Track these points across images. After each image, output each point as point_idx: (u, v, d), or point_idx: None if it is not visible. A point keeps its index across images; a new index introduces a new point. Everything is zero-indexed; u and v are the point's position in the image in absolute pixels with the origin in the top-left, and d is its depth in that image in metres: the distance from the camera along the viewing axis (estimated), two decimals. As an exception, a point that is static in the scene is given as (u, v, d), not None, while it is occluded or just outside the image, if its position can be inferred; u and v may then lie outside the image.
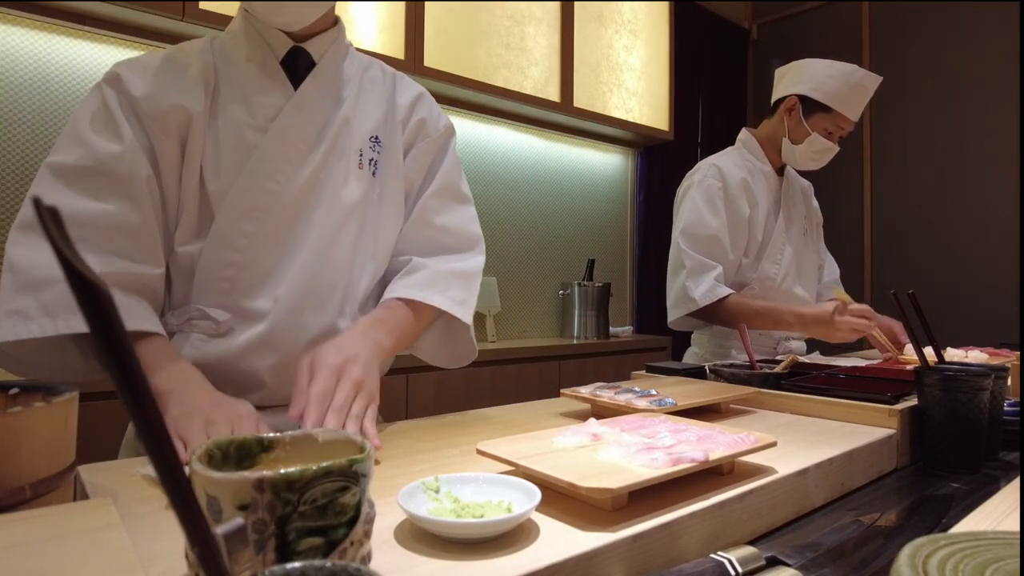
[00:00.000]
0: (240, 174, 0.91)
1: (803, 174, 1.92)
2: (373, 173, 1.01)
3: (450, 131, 1.10)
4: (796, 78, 1.72)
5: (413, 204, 1.06)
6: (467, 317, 1.01)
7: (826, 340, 1.58)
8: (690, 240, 1.69)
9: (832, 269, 2.04)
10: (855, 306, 1.54)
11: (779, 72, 1.80)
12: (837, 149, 1.73)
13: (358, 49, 1.08)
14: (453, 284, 1.00)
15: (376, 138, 1.02)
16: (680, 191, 1.81)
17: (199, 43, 0.96)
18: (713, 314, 1.67)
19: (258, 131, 0.92)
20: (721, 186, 1.70)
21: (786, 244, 1.79)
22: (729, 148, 1.86)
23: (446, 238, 1.05)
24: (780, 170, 1.83)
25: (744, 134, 1.86)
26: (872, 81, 1.67)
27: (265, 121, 0.93)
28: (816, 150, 1.71)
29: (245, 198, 0.91)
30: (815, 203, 1.97)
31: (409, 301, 0.96)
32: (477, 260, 1.07)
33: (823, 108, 1.67)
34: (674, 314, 1.72)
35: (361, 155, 1.00)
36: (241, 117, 0.92)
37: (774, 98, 1.80)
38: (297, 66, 0.96)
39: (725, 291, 1.63)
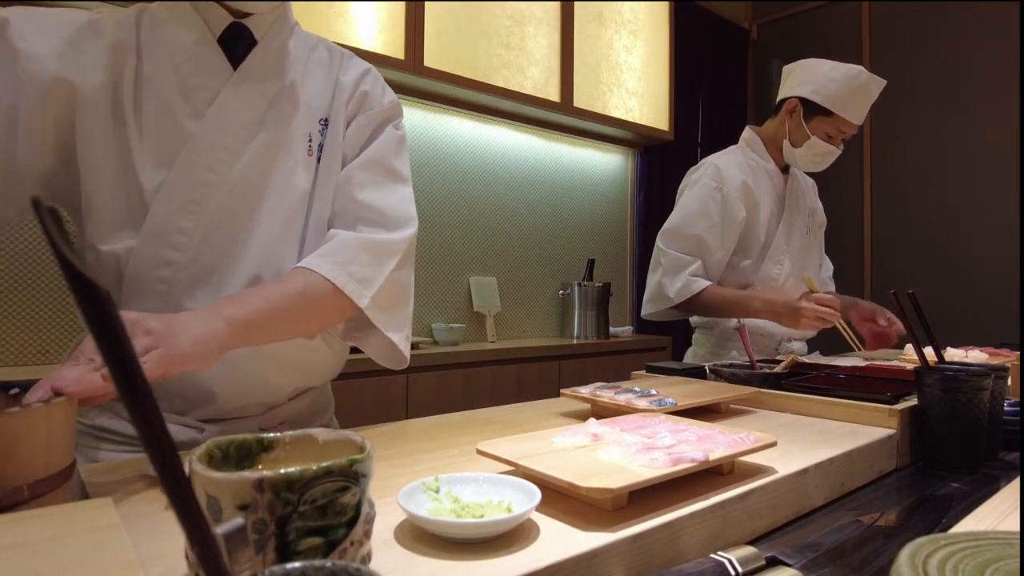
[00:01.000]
0: (174, 165, 0.82)
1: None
2: (318, 159, 0.93)
3: (395, 110, 1.00)
4: (799, 79, 1.71)
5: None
6: (361, 298, 0.86)
7: (792, 327, 1.55)
8: (671, 238, 1.70)
9: (827, 266, 2.04)
10: (820, 294, 1.52)
11: (785, 70, 1.78)
12: (838, 152, 1.71)
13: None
14: (358, 257, 0.87)
15: (325, 120, 0.94)
16: (680, 188, 1.81)
17: (123, 14, 0.85)
18: (689, 307, 1.69)
19: (195, 117, 0.84)
20: (716, 186, 1.69)
21: (789, 245, 1.78)
22: (732, 147, 1.85)
23: (371, 215, 0.92)
24: (785, 168, 1.82)
25: (748, 132, 1.85)
26: (876, 85, 1.64)
27: (202, 105, 0.84)
28: (816, 153, 1.70)
29: (181, 191, 0.82)
30: (819, 203, 1.96)
31: (304, 271, 0.84)
32: (399, 234, 0.93)
33: (824, 111, 1.65)
34: (649, 308, 1.76)
35: (311, 140, 0.92)
36: (176, 103, 0.83)
37: (778, 97, 1.79)
38: (238, 45, 0.87)
39: (700, 284, 1.64)
